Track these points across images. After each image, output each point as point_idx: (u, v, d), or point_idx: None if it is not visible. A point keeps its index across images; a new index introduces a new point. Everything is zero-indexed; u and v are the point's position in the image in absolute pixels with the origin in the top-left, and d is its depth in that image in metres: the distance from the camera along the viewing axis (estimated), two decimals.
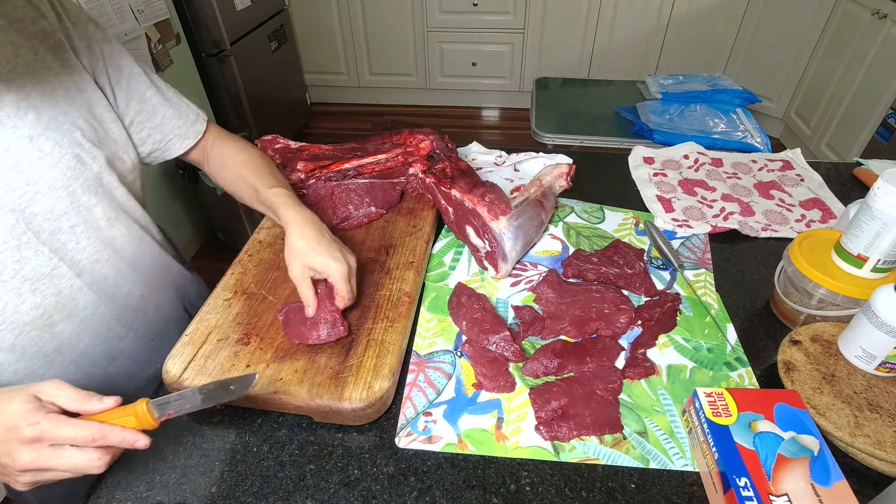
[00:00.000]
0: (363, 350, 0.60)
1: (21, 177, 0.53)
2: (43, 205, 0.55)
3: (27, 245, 0.54)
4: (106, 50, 0.63)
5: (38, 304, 0.56)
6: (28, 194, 0.54)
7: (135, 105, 0.66)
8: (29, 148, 0.53)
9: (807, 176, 1.01)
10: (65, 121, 0.56)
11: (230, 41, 2.14)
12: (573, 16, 2.83)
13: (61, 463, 0.42)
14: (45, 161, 0.54)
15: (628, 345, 0.66)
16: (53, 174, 0.55)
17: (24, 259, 0.54)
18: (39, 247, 0.55)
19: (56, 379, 0.45)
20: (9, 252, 0.53)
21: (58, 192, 0.56)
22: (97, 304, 0.62)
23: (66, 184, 0.56)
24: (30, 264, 0.55)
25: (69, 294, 0.59)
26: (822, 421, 0.54)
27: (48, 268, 0.56)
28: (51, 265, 0.57)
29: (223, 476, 0.53)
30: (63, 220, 0.57)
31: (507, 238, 0.73)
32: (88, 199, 0.59)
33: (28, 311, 0.56)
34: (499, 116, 3.27)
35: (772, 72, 2.73)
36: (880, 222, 0.60)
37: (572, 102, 1.80)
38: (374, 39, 3.04)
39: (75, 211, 0.58)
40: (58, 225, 0.57)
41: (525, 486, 0.52)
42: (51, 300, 0.57)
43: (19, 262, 0.54)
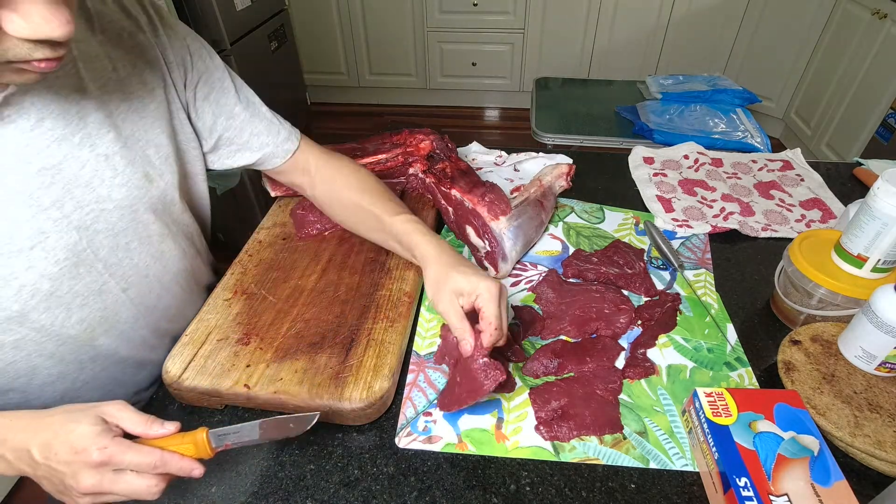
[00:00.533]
0: (363, 350, 0.60)
1: (91, 195, 0.52)
2: (107, 222, 0.55)
3: (84, 262, 0.54)
4: (200, 66, 0.63)
5: (84, 318, 0.56)
6: (94, 212, 0.53)
7: (222, 122, 0.66)
8: (104, 167, 0.53)
9: (807, 176, 1.01)
10: (142, 138, 0.56)
11: (230, 41, 2.14)
12: (573, 16, 2.83)
13: (122, 488, 0.42)
14: (116, 180, 0.54)
15: (628, 345, 0.66)
16: (122, 192, 0.55)
17: (79, 276, 0.54)
18: (95, 263, 0.55)
19: (120, 401, 0.45)
20: (67, 269, 0.52)
21: (122, 211, 0.56)
22: (137, 317, 0.62)
23: (131, 203, 0.56)
24: (83, 281, 0.54)
25: (114, 308, 0.58)
26: (822, 421, 0.54)
27: (98, 284, 0.56)
28: (101, 281, 0.56)
29: (223, 476, 0.53)
30: (121, 237, 0.57)
31: (507, 238, 0.73)
32: (148, 217, 0.59)
33: (74, 326, 0.55)
34: (499, 116, 3.27)
35: (772, 72, 2.73)
36: (880, 222, 0.60)
37: (572, 102, 1.80)
38: (374, 39, 3.04)
39: (133, 228, 0.58)
40: (116, 242, 0.56)
41: (525, 486, 0.52)
42: (96, 315, 0.57)
43: (75, 278, 0.53)
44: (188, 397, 0.58)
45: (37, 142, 0.48)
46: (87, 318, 0.56)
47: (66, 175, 0.50)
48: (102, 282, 0.56)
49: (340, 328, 0.63)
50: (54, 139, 0.49)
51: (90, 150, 0.52)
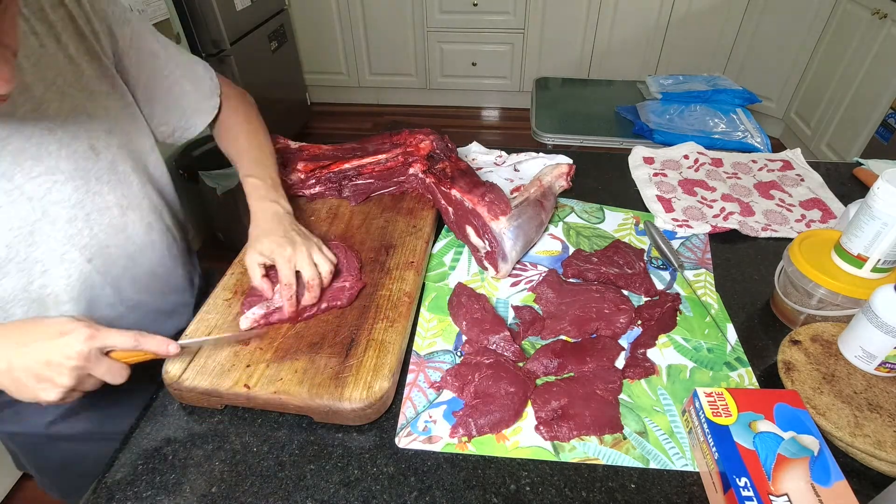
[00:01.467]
0: (363, 350, 0.60)
1: (40, 166, 0.55)
2: (60, 194, 0.57)
3: (40, 231, 0.56)
4: (125, 31, 0.64)
5: (46, 285, 0.58)
6: (47, 183, 0.55)
7: (154, 83, 0.68)
8: (49, 139, 0.55)
9: (807, 176, 1.01)
10: (83, 111, 0.58)
11: (230, 41, 2.14)
12: (573, 16, 2.83)
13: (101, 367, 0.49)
14: (62, 152, 0.56)
15: (628, 345, 0.66)
16: (70, 165, 0.57)
17: (35, 243, 0.56)
18: (53, 232, 0.57)
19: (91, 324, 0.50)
20: (22, 237, 0.55)
21: (75, 182, 0.58)
22: (103, 286, 0.64)
23: (82, 174, 0.58)
24: (41, 248, 0.57)
25: (79, 276, 0.61)
26: (822, 421, 0.54)
27: (59, 252, 0.58)
28: (62, 249, 0.58)
29: (223, 476, 0.53)
30: (78, 209, 0.59)
31: (507, 238, 0.73)
32: (101, 188, 0.61)
33: (36, 290, 0.58)
34: (499, 116, 3.27)
35: (772, 72, 2.73)
36: (880, 222, 0.60)
37: (572, 102, 1.80)
38: (374, 39, 3.04)
39: (90, 199, 0.60)
40: (73, 213, 0.58)
41: (525, 486, 0.52)
42: (60, 282, 0.59)
43: (31, 245, 0.56)
44: (188, 397, 0.58)
45: None
46: (49, 285, 0.59)
47: (12, 148, 0.52)
48: (63, 251, 0.59)
49: (340, 328, 0.63)
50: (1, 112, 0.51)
51: (33, 124, 0.54)
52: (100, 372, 0.50)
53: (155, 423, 0.58)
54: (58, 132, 0.55)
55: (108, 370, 0.50)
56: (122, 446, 0.56)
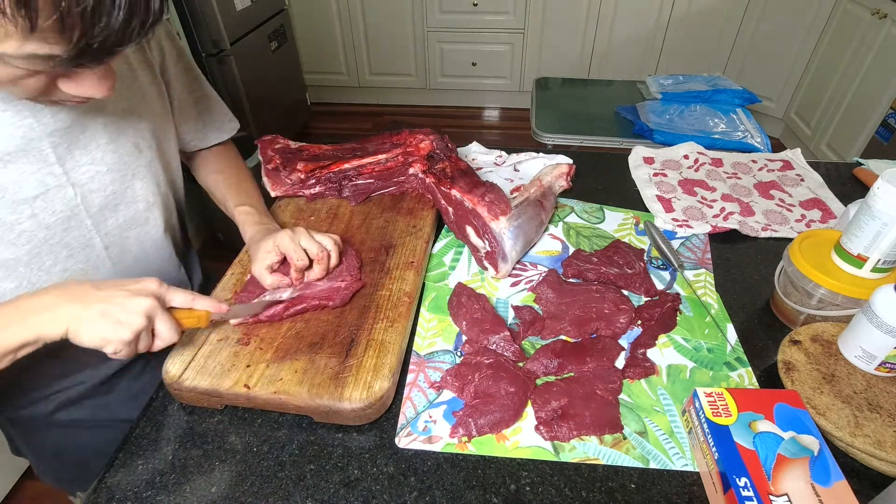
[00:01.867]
0: (363, 350, 0.60)
1: (88, 156, 0.59)
2: (99, 183, 0.61)
3: (76, 216, 0.60)
4: (170, 47, 0.70)
5: (67, 269, 0.61)
6: (90, 172, 0.60)
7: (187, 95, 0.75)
8: (101, 133, 0.60)
9: (807, 176, 1.01)
10: (133, 112, 0.63)
11: (230, 41, 2.14)
12: (573, 16, 2.83)
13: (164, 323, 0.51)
14: (109, 146, 0.61)
15: (628, 345, 0.66)
16: (114, 157, 0.62)
17: (70, 228, 0.60)
18: (85, 219, 0.61)
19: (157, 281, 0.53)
20: (62, 221, 0.59)
21: (113, 174, 0.62)
22: (115, 275, 0.67)
23: (121, 168, 0.63)
24: (73, 233, 0.60)
25: (94, 264, 0.64)
26: (822, 421, 0.54)
27: (86, 238, 0.62)
28: (88, 236, 0.62)
29: (223, 476, 0.53)
30: (111, 198, 0.63)
31: (507, 238, 0.73)
32: (135, 183, 0.65)
33: (57, 274, 0.61)
34: (499, 116, 3.27)
35: (772, 72, 2.73)
36: (880, 222, 0.60)
37: (572, 102, 1.80)
38: (374, 39, 3.04)
39: (122, 192, 0.64)
40: (106, 201, 0.62)
41: (525, 486, 0.52)
42: (78, 266, 0.62)
43: (67, 230, 0.59)
44: (188, 397, 0.58)
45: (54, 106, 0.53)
46: (70, 268, 0.62)
47: (70, 137, 0.57)
48: (89, 237, 0.62)
49: (340, 328, 0.63)
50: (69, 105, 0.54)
51: (92, 118, 0.58)
52: (162, 323, 0.51)
53: (155, 423, 0.58)
54: (110, 128, 0.60)
55: (168, 324, 0.52)
56: (122, 446, 0.56)
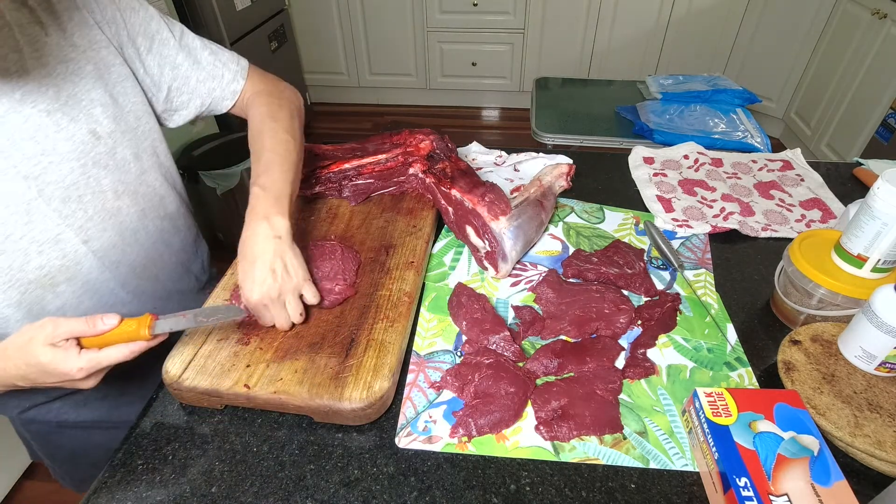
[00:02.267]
0: (363, 350, 0.60)
1: (36, 147, 0.56)
2: (55, 174, 0.58)
3: (36, 210, 0.57)
4: (133, 19, 0.64)
5: (43, 265, 0.60)
6: (42, 163, 0.57)
7: (168, 72, 0.69)
8: (46, 121, 0.56)
9: (807, 176, 1.01)
10: (85, 98, 0.59)
11: (230, 41, 2.14)
12: (573, 16, 2.83)
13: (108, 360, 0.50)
14: (60, 134, 0.58)
15: (628, 345, 0.66)
16: (67, 146, 0.58)
17: (32, 222, 0.57)
18: (48, 212, 0.58)
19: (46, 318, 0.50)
20: (18, 215, 0.56)
21: (70, 164, 0.59)
22: (101, 269, 0.65)
23: (78, 156, 0.59)
24: (37, 227, 0.58)
25: (73, 258, 0.62)
26: (822, 421, 0.54)
27: (54, 232, 0.59)
28: (57, 230, 0.59)
29: (223, 476, 0.53)
30: (72, 190, 0.60)
31: (507, 238, 0.73)
32: (98, 172, 0.62)
33: (33, 271, 0.59)
34: (499, 116, 3.27)
35: (772, 72, 2.73)
36: (880, 222, 0.60)
37: (572, 102, 1.80)
38: (374, 39, 3.04)
39: (84, 182, 0.61)
40: (67, 194, 0.59)
41: (525, 486, 0.52)
42: (55, 262, 0.60)
43: (28, 224, 0.57)
44: (188, 397, 0.58)
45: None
46: (46, 264, 0.60)
47: (9, 128, 0.54)
48: (59, 231, 0.60)
49: (340, 328, 0.63)
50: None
51: (31, 105, 0.55)
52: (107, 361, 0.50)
53: (155, 423, 0.58)
54: (55, 115, 0.57)
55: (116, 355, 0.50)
56: (122, 446, 0.56)
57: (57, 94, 0.57)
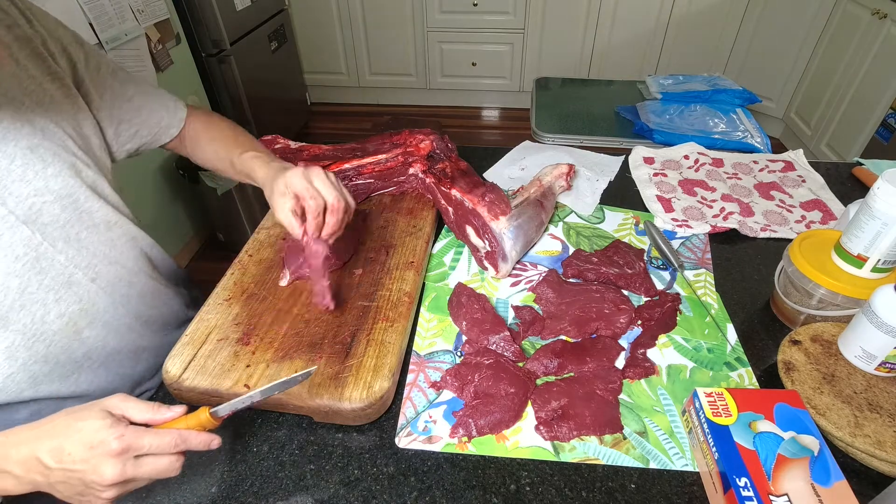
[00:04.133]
0: (363, 350, 0.60)
1: (29, 187, 0.53)
2: (51, 214, 0.56)
3: (45, 255, 0.55)
4: (79, 54, 0.62)
5: (63, 313, 0.57)
6: (37, 205, 0.54)
7: (120, 104, 0.67)
8: (32, 159, 0.54)
9: (808, 177, 1.01)
10: (57, 130, 0.57)
11: (230, 41, 2.14)
12: (573, 16, 2.83)
13: (145, 471, 0.42)
14: (48, 171, 0.55)
15: (628, 345, 0.66)
16: (58, 183, 0.56)
17: (43, 270, 0.55)
18: (56, 255, 0.56)
19: (120, 394, 0.45)
20: (30, 264, 0.54)
21: (63, 201, 0.57)
22: (115, 306, 0.63)
23: (69, 192, 0.57)
24: (49, 274, 0.56)
25: (89, 299, 0.60)
26: (822, 421, 0.54)
27: (65, 276, 0.57)
28: (67, 273, 0.57)
29: (223, 476, 0.53)
30: (69, 228, 0.58)
31: (507, 238, 0.73)
32: (90, 206, 0.60)
33: (54, 321, 0.57)
34: (499, 116, 3.27)
35: (772, 72, 2.73)
36: (880, 222, 0.60)
37: (572, 102, 1.80)
38: (374, 39, 3.04)
39: (78, 218, 0.59)
40: (66, 233, 0.57)
41: (525, 486, 0.52)
42: (74, 308, 0.58)
43: (40, 273, 0.55)
44: (188, 397, 0.58)
45: None
46: (66, 311, 0.57)
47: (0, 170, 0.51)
48: (69, 274, 0.57)
49: (340, 328, 0.63)
50: None
51: (14, 144, 0.52)
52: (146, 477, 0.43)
53: None
54: (39, 150, 0.54)
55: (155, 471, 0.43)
56: None
57: (32, 129, 0.54)
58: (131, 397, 0.45)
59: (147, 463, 0.42)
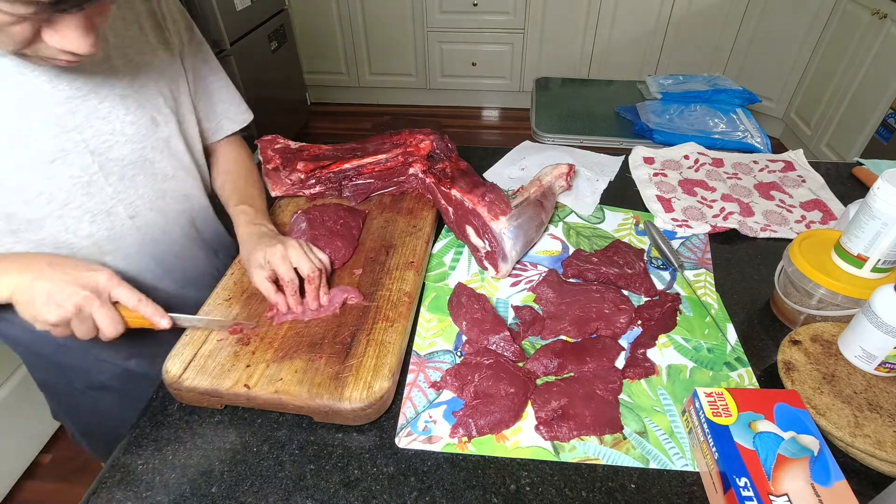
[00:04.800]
0: (363, 350, 0.60)
1: (108, 126, 0.62)
2: (118, 152, 0.64)
3: (95, 182, 0.62)
4: (185, 35, 0.73)
5: (92, 234, 0.64)
6: (109, 142, 0.62)
7: (200, 84, 0.77)
8: (119, 105, 0.63)
9: (808, 177, 1.01)
10: (153, 88, 0.67)
11: (230, 41, 2.14)
12: (573, 16, 2.83)
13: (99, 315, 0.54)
14: (128, 117, 0.64)
15: (628, 345, 0.66)
16: (132, 129, 0.64)
17: (90, 193, 0.62)
18: (105, 186, 0.63)
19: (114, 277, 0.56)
20: (80, 185, 0.61)
21: (132, 145, 0.65)
22: (142, 244, 0.70)
23: (140, 140, 0.66)
24: (94, 199, 0.63)
25: (120, 231, 0.67)
26: (822, 421, 0.54)
27: (108, 205, 0.64)
28: (110, 203, 0.65)
29: (223, 476, 0.53)
30: (129, 169, 0.65)
31: (507, 238, 0.73)
32: (155, 156, 0.68)
33: (83, 238, 0.64)
34: (499, 116, 3.27)
35: (772, 72, 2.73)
36: (880, 222, 0.60)
37: (572, 102, 1.80)
38: (374, 39, 3.04)
39: (141, 163, 0.67)
40: (125, 172, 0.65)
41: (525, 486, 0.52)
42: (103, 233, 0.65)
43: (86, 195, 0.62)
44: (188, 397, 0.58)
45: (67, 72, 0.57)
46: (95, 234, 0.64)
47: (88, 106, 0.60)
48: (111, 205, 0.65)
49: (340, 328, 0.63)
50: (82, 72, 0.58)
51: (110, 88, 0.61)
52: (101, 315, 0.54)
53: (155, 423, 0.58)
54: (128, 100, 0.63)
55: (109, 317, 0.55)
56: (123, 446, 0.56)
57: (131, 81, 0.63)
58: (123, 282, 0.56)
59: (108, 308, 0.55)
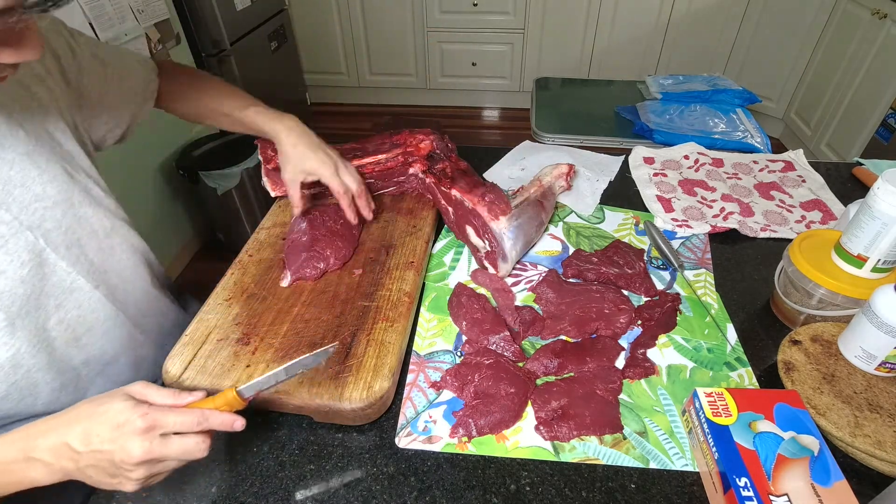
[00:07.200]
0: (363, 350, 0.60)
1: (29, 194, 0.53)
2: (52, 220, 0.55)
3: (47, 261, 0.55)
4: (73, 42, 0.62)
5: (63, 319, 0.57)
6: (38, 211, 0.54)
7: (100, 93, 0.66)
8: (29, 165, 0.54)
9: (808, 177, 1.01)
10: (46, 136, 0.57)
11: (230, 41, 2.14)
12: (573, 16, 2.83)
13: (172, 450, 0.43)
14: (44, 176, 0.55)
15: (628, 345, 0.66)
16: (54, 188, 0.56)
17: (45, 276, 0.55)
18: (58, 261, 0.56)
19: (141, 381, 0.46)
20: (35, 269, 0.53)
21: (61, 206, 0.56)
22: (116, 313, 0.63)
23: (65, 197, 0.57)
24: (51, 280, 0.55)
25: (89, 306, 0.60)
26: (822, 421, 0.54)
27: (68, 282, 0.57)
28: (69, 279, 0.57)
29: (223, 476, 0.53)
30: (70, 234, 0.57)
31: (507, 238, 0.73)
32: (85, 211, 0.60)
33: (54, 327, 0.56)
34: (499, 116, 3.27)
35: (772, 72, 2.73)
36: (880, 222, 0.60)
37: (572, 102, 1.80)
38: (374, 39, 3.04)
39: (77, 223, 0.58)
40: (67, 238, 0.57)
41: (525, 486, 0.52)
42: (73, 314, 0.58)
43: (43, 279, 0.54)
44: None
45: None
46: (65, 318, 0.57)
47: (2, 176, 0.51)
48: (71, 280, 0.57)
49: (340, 328, 0.63)
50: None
51: (11, 150, 0.52)
52: (173, 456, 0.43)
53: None
54: (34, 156, 0.54)
55: (182, 450, 0.43)
56: None
57: (27, 135, 0.54)
58: (152, 384, 0.46)
59: (173, 441, 0.43)
